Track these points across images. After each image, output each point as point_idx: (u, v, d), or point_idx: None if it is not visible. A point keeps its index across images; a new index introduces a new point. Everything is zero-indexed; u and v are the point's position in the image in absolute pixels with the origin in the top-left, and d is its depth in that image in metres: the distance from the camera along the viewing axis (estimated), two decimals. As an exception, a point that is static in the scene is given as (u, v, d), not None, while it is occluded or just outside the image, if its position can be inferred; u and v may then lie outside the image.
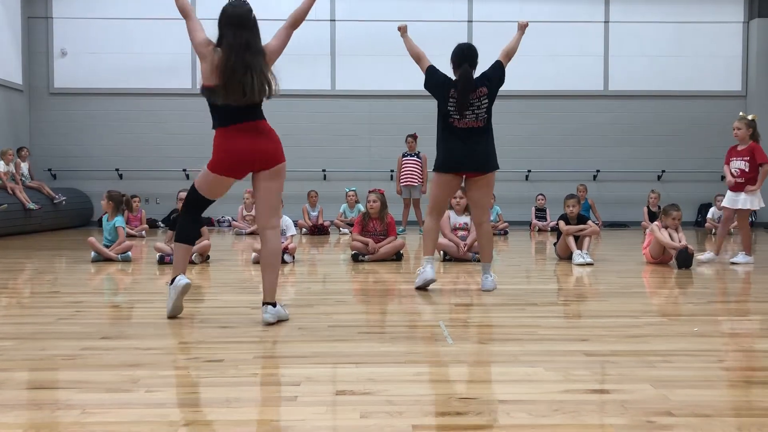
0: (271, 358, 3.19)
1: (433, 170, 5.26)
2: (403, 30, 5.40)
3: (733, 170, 7.21)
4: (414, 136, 11.34)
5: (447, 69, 5.17)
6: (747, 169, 7.15)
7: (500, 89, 5.20)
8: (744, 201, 7.17)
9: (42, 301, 4.86)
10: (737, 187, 7.18)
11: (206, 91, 3.83)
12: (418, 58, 5.26)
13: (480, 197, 5.20)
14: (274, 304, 3.90)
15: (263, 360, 3.15)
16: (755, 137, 7.22)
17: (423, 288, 5.17)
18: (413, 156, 11.34)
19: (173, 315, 4.03)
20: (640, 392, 2.63)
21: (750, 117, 7.27)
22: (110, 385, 2.71)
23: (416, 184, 11.22)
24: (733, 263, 7.11)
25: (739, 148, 7.24)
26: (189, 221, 4.11)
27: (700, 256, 7.22)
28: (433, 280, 5.15)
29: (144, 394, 2.60)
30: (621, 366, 3.01)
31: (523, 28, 5.41)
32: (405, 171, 11.28)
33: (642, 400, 2.53)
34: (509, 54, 5.31)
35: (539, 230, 12.63)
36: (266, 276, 3.96)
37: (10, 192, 10.79)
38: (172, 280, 4.00)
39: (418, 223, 11.47)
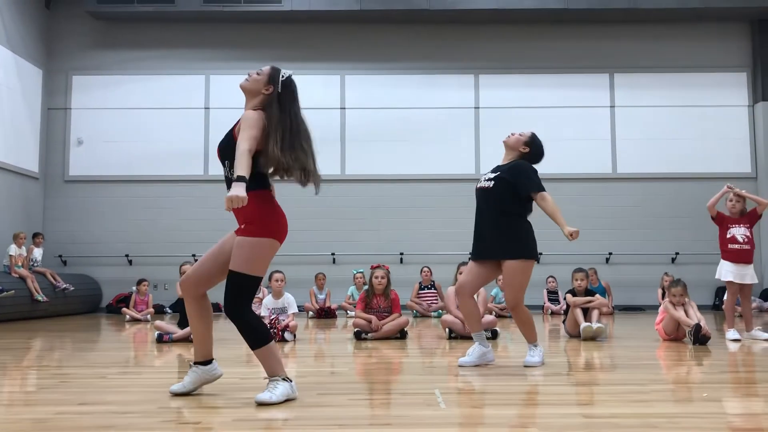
0: (252, 421, 3.03)
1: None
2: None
3: (740, 237, 6.97)
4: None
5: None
6: (751, 236, 7.00)
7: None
8: (752, 275, 6.95)
9: (28, 373, 4.73)
10: (746, 258, 6.95)
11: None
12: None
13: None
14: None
15: (243, 423, 2.98)
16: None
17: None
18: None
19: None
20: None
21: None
22: (74, 443, 2.57)
23: None
24: (736, 340, 6.68)
25: (734, 217, 7.09)
26: (255, 318, 3.52)
27: (728, 334, 6.79)
28: None
29: (108, 451, 2.45)
30: (621, 427, 2.81)
31: (570, 235, 5.19)
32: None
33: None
34: (541, 205, 5.24)
35: (552, 313, 12.34)
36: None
37: (15, 276, 10.73)
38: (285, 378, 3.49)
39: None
